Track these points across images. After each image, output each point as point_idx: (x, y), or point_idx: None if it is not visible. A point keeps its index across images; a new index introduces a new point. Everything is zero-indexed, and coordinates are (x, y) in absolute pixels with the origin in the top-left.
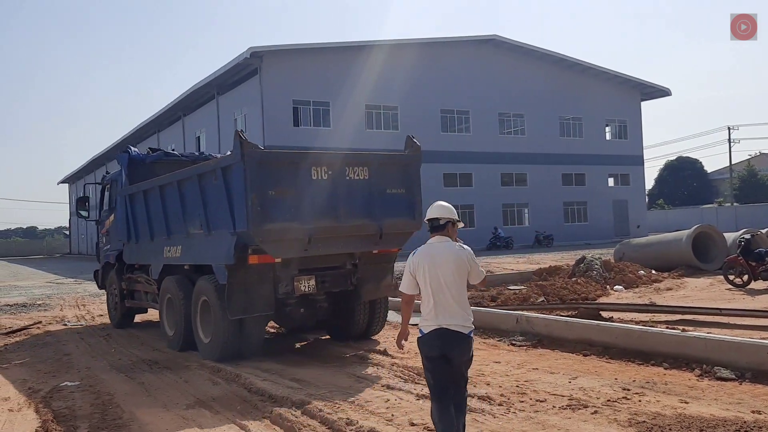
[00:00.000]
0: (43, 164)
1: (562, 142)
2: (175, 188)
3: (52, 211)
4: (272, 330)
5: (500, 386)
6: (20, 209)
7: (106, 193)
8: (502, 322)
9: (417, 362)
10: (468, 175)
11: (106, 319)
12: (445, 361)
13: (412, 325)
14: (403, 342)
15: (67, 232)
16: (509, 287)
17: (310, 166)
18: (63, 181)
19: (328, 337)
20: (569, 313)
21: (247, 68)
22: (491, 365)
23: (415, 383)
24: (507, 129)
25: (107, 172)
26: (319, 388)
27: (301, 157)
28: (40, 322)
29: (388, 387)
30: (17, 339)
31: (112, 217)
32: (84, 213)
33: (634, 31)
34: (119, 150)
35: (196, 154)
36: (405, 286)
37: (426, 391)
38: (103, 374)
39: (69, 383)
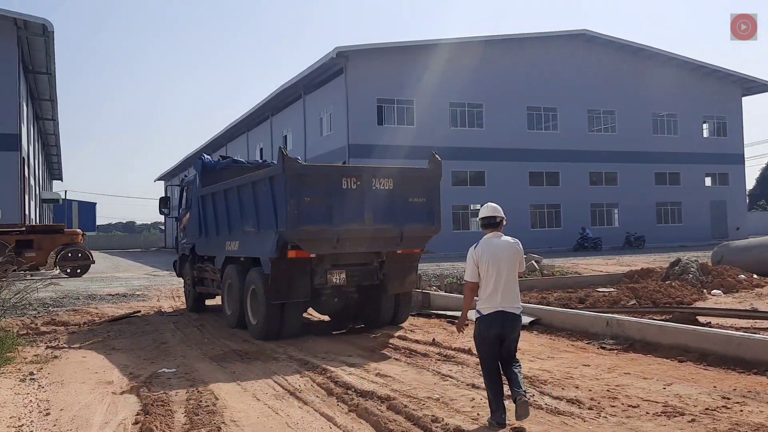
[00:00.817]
0: (142, 162)
1: (655, 139)
2: (235, 193)
3: (150, 207)
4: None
5: (590, 390)
6: (121, 205)
7: (184, 194)
8: (591, 324)
9: None
10: (555, 174)
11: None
12: (499, 339)
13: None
14: (463, 327)
15: (162, 227)
16: (598, 289)
17: (341, 177)
18: (159, 179)
19: (362, 325)
20: (663, 317)
21: (333, 68)
22: (580, 368)
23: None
24: (597, 126)
25: (186, 176)
26: (404, 385)
27: (333, 170)
28: (139, 311)
29: (473, 386)
30: (119, 327)
31: (188, 215)
32: (165, 211)
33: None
34: (197, 156)
35: (260, 161)
36: (470, 275)
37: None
38: (197, 363)
39: (166, 370)
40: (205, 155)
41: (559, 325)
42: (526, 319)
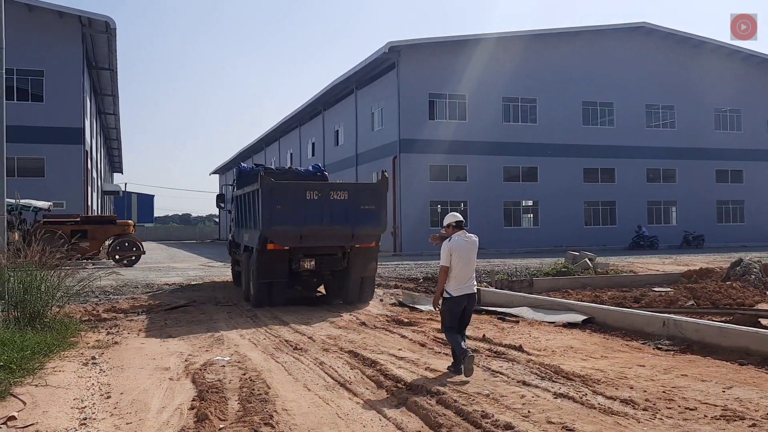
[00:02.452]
0: (198, 156)
1: (717, 135)
2: (246, 198)
3: (205, 199)
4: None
5: (645, 390)
6: (177, 197)
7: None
8: (646, 324)
9: (554, 360)
10: (610, 170)
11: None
12: (462, 311)
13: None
14: (439, 303)
15: (217, 219)
16: (654, 289)
17: (305, 190)
18: (214, 172)
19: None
20: (723, 318)
21: (385, 63)
22: (635, 368)
23: (552, 381)
24: (655, 122)
25: (235, 177)
26: (454, 380)
27: (299, 185)
28: (195, 301)
29: (524, 383)
30: (175, 315)
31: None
32: (222, 205)
33: None
34: (237, 164)
35: (285, 168)
36: (446, 261)
37: (564, 389)
38: (250, 352)
39: (220, 358)
40: (242, 164)
41: (613, 324)
42: (578, 317)
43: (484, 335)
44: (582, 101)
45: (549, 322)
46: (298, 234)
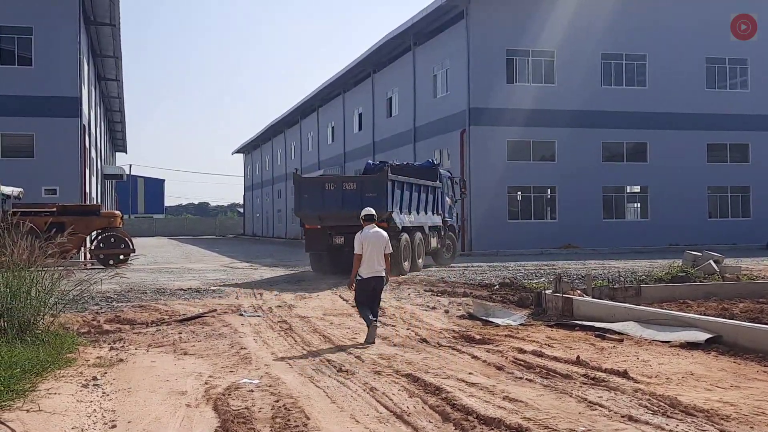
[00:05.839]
0: (218, 133)
1: None
2: None
3: (227, 185)
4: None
5: None
6: (193, 182)
7: None
8: None
9: (669, 389)
10: (742, 146)
11: (284, 312)
12: (371, 290)
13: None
14: (352, 286)
15: (241, 210)
16: None
17: (324, 183)
18: (238, 151)
19: None
20: None
21: (451, 11)
22: None
23: (668, 416)
24: None
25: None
26: (539, 412)
27: (321, 179)
28: (215, 310)
29: (631, 418)
30: (192, 327)
31: None
32: None
33: None
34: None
35: (404, 163)
36: (358, 250)
37: (683, 427)
38: (284, 374)
39: (248, 381)
40: (369, 161)
41: (746, 344)
42: (700, 336)
43: (578, 357)
44: (705, 57)
45: (662, 342)
46: (317, 216)
